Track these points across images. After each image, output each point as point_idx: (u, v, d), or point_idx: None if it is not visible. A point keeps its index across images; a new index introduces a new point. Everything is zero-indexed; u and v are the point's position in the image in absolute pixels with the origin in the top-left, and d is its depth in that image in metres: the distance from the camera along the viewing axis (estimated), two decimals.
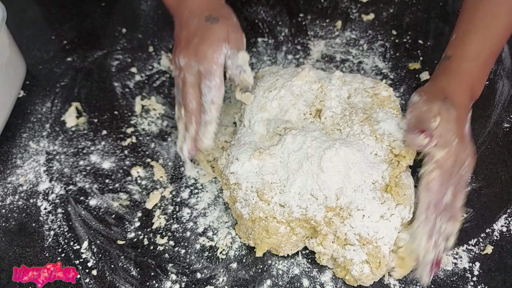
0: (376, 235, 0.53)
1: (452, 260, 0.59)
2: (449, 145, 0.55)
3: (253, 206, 0.56)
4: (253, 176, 0.57)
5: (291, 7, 0.87)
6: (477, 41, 0.61)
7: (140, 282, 0.58)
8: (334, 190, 0.55)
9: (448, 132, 0.55)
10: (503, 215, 0.62)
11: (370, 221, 0.54)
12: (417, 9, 0.85)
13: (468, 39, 0.61)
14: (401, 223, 0.55)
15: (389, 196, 0.56)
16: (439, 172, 0.54)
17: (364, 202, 0.54)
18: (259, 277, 0.58)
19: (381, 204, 0.55)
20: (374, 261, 0.54)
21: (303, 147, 0.56)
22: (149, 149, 0.70)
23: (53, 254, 0.61)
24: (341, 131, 0.60)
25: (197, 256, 0.60)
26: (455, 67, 0.61)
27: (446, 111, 0.56)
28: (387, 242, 0.54)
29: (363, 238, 0.53)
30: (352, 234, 0.54)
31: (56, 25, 0.86)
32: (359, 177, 0.55)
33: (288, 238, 0.56)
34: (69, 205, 0.65)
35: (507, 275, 0.57)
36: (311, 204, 0.55)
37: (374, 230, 0.54)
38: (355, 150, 0.56)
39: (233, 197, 0.58)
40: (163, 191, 0.66)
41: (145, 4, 0.89)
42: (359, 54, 0.79)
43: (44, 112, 0.74)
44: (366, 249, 0.54)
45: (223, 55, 0.59)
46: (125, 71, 0.79)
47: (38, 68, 0.80)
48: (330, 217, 0.54)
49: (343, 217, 0.54)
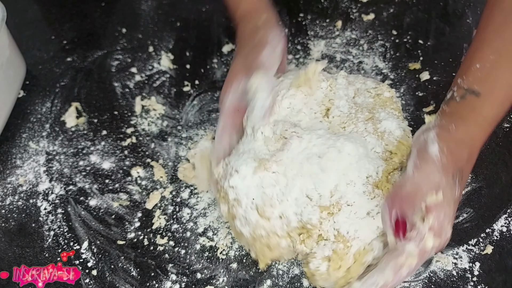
0: (355, 234, 0.52)
1: (452, 260, 0.59)
2: (442, 237, 0.46)
3: (254, 225, 0.53)
4: (254, 190, 0.54)
5: (291, 7, 0.86)
6: (508, 81, 0.52)
7: (140, 282, 0.58)
8: (330, 188, 0.53)
9: (445, 219, 0.46)
10: (503, 215, 0.62)
11: (355, 217, 0.52)
12: (417, 9, 0.85)
13: (498, 75, 0.52)
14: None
15: (379, 192, 0.54)
16: (416, 261, 0.45)
17: (354, 197, 0.53)
18: (259, 277, 0.58)
19: (371, 199, 0.54)
20: (336, 261, 0.51)
21: (308, 146, 0.55)
22: (149, 149, 0.70)
23: (53, 254, 0.61)
24: (345, 128, 0.59)
25: (197, 256, 0.60)
26: (487, 112, 0.51)
27: (450, 190, 0.47)
28: (361, 243, 0.52)
29: (340, 235, 0.52)
30: (332, 229, 0.52)
31: (56, 25, 0.86)
32: (355, 172, 0.54)
33: (290, 249, 0.55)
34: (69, 206, 0.65)
35: (507, 275, 0.57)
36: (305, 207, 0.53)
37: (355, 228, 0.52)
38: (359, 145, 0.55)
39: (232, 214, 0.55)
40: (163, 191, 0.66)
41: (145, 4, 0.88)
42: (359, 54, 0.79)
43: (44, 112, 0.74)
44: (336, 246, 0.52)
45: (235, 91, 0.57)
46: (125, 71, 0.79)
47: (38, 68, 0.80)
48: (324, 217, 0.53)
49: (332, 213, 0.53)
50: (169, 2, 0.88)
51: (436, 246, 0.45)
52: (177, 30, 0.83)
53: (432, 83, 0.75)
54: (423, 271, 0.58)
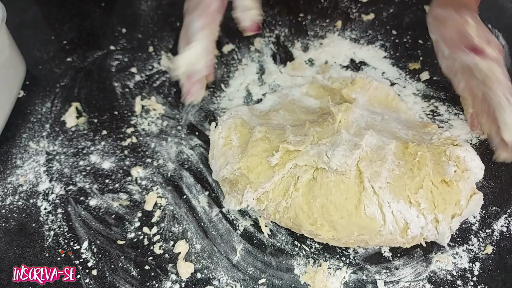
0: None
1: (452, 260, 0.59)
2: (494, 42, 0.59)
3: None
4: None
5: (291, 7, 0.87)
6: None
7: (140, 282, 0.58)
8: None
9: (487, 34, 0.60)
10: (503, 215, 0.62)
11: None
12: (417, 9, 0.85)
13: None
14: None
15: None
16: (497, 65, 0.57)
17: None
18: (259, 277, 0.58)
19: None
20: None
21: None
22: (149, 149, 0.70)
23: (53, 254, 0.61)
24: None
25: (197, 256, 0.60)
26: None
27: (474, 17, 0.61)
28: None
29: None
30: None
31: (56, 25, 0.86)
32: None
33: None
34: (69, 205, 0.65)
35: (507, 275, 0.57)
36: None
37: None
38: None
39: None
40: (159, 193, 0.66)
41: (145, 4, 0.89)
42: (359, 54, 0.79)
43: (44, 112, 0.74)
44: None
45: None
46: (125, 71, 0.79)
47: (38, 68, 0.80)
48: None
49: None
50: (169, 2, 0.88)
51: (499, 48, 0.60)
52: (177, 30, 0.82)
53: (432, 83, 0.75)
54: (423, 271, 0.58)
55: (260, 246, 0.61)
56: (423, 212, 0.55)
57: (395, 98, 0.69)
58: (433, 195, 0.56)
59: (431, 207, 0.55)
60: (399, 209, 0.55)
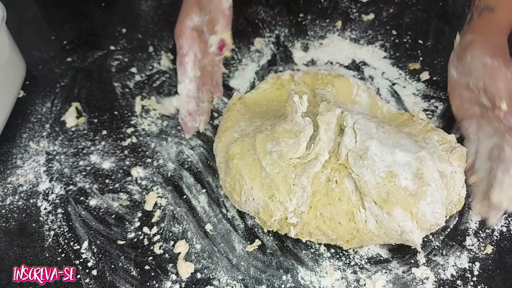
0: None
1: (451, 260, 0.59)
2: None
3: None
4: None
5: (291, 7, 0.87)
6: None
7: (140, 282, 0.58)
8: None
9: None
10: (503, 215, 0.62)
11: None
12: (417, 9, 0.85)
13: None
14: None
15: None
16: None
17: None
18: (259, 277, 0.58)
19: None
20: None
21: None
22: (149, 149, 0.70)
23: (53, 254, 0.61)
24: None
25: (197, 256, 0.60)
26: (501, 21, 0.62)
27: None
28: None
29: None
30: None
31: (56, 25, 0.86)
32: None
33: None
34: (69, 205, 0.65)
35: (507, 275, 0.57)
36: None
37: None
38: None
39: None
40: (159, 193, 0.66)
41: (145, 4, 0.89)
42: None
43: (44, 112, 0.74)
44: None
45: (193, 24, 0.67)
46: (125, 71, 0.79)
47: (38, 68, 0.80)
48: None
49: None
50: (169, 2, 0.88)
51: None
52: None
53: (432, 83, 0.75)
54: (423, 271, 0.58)
55: (260, 246, 0.61)
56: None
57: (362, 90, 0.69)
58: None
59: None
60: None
